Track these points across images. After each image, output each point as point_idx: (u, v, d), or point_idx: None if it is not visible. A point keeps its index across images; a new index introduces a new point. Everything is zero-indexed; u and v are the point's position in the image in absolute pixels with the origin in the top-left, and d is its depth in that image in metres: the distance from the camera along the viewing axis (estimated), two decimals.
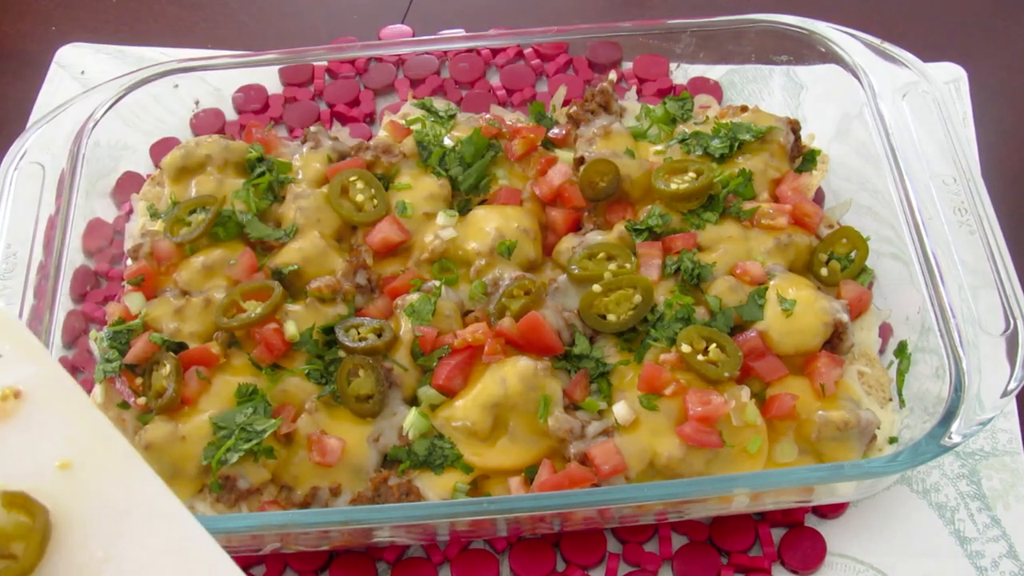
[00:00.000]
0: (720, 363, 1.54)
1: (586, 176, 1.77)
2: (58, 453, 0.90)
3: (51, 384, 0.94)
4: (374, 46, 2.09)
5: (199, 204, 1.76)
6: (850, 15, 1.95)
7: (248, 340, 1.61)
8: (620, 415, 1.52)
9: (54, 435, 0.92)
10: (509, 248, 1.70)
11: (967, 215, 1.59)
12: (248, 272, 1.69)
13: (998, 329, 1.48)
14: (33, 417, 0.92)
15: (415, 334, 1.61)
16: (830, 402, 1.55)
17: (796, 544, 1.58)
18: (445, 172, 1.82)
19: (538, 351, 1.58)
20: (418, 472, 1.54)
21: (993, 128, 2.07)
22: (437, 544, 1.59)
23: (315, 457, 1.51)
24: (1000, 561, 1.56)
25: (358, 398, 1.56)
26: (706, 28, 1.96)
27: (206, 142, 1.87)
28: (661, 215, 1.70)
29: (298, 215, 1.76)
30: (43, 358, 0.96)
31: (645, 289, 1.61)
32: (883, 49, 1.80)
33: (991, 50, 2.26)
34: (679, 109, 1.86)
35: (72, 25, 2.36)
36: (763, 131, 1.79)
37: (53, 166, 1.76)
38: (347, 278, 1.71)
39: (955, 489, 1.63)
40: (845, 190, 1.86)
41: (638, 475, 1.51)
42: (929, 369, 1.57)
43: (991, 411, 1.41)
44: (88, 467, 0.91)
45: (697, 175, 1.72)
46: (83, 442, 0.92)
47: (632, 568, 1.58)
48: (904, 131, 1.70)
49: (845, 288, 1.68)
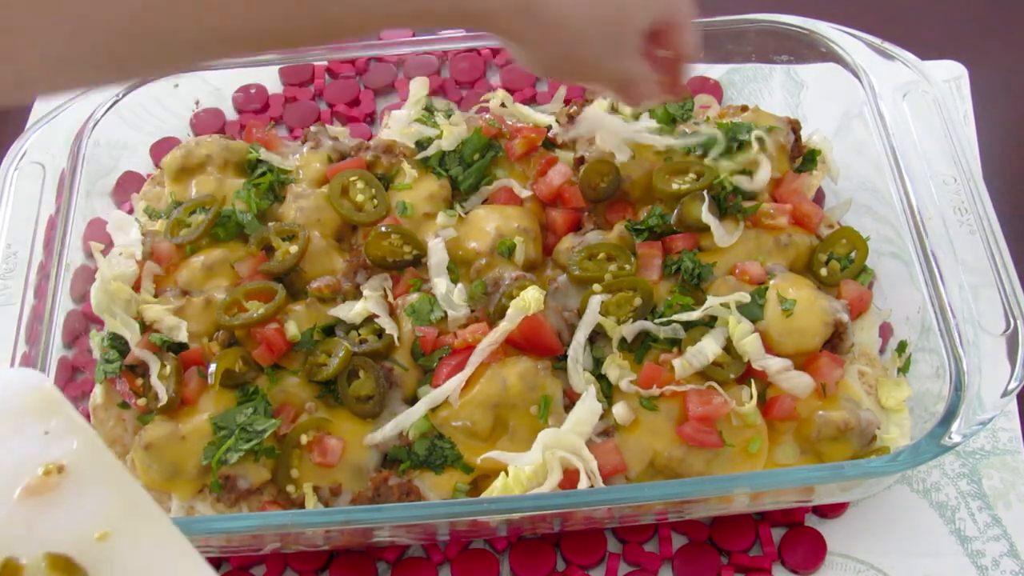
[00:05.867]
0: (725, 364, 1.54)
1: (586, 176, 1.77)
2: (97, 524, 0.94)
3: (92, 458, 0.99)
4: (374, 46, 2.09)
5: (199, 205, 1.76)
6: (850, 15, 1.95)
7: (249, 340, 1.61)
8: (620, 415, 1.52)
9: (94, 507, 0.96)
10: (509, 248, 1.70)
11: (967, 215, 1.59)
12: (253, 272, 1.69)
13: (998, 329, 1.48)
14: (74, 490, 0.96)
15: (415, 334, 1.61)
16: (830, 402, 1.55)
17: (796, 544, 1.58)
18: (445, 172, 1.82)
19: (538, 351, 1.58)
20: (418, 472, 1.54)
21: (994, 127, 2.07)
22: (437, 544, 1.59)
23: (315, 457, 1.51)
24: (1001, 560, 1.56)
25: (358, 399, 1.56)
26: (706, 28, 1.94)
27: (206, 142, 1.87)
28: (661, 215, 1.70)
29: (298, 215, 1.76)
30: (85, 433, 1.00)
31: (645, 291, 1.61)
32: (883, 49, 1.80)
33: (991, 48, 2.26)
34: (679, 109, 1.86)
35: None
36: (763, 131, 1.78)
37: (53, 166, 1.76)
38: (347, 278, 1.71)
39: (955, 488, 1.63)
40: (845, 190, 1.86)
41: (638, 475, 1.51)
42: (929, 369, 1.57)
43: (992, 411, 1.41)
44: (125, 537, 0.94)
45: (698, 175, 1.72)
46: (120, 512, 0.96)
47: (632, 568, 1.58)
48: (904, 131, 1.70)
49: (845, 288, 1.68)
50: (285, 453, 1.52)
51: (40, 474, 0.96)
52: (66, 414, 1.01)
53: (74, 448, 0.98)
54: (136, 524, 0.96)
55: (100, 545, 0.93)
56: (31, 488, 0.95)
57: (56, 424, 1.00)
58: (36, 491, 0.95)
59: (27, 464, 0.97)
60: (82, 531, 0.94)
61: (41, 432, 0.99)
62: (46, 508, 0.95)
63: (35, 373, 1.11)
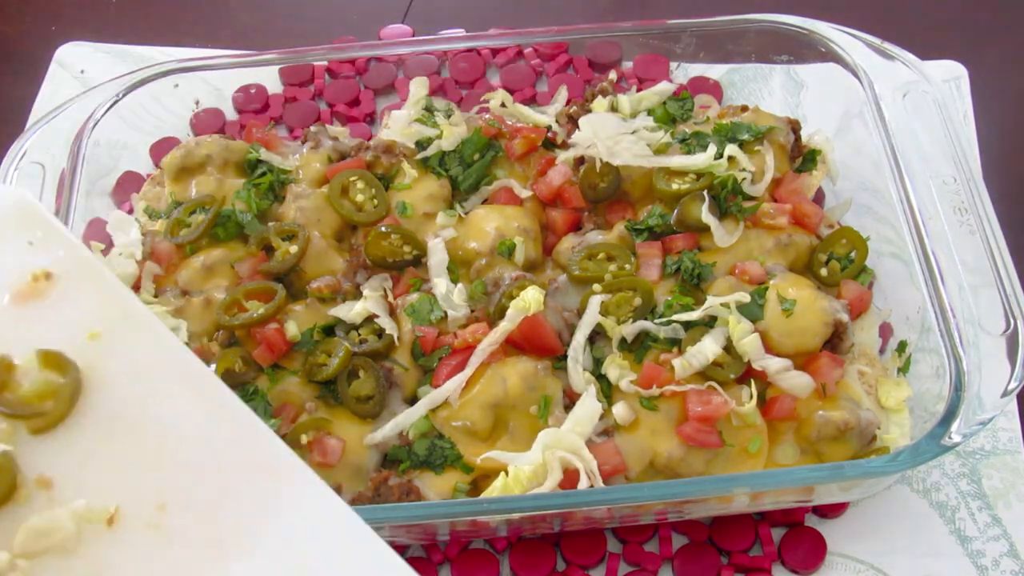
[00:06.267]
0: (725, 364, 1.54)
1: (586, 176, 1.77)
2: (88, 325, 0.97)
3: (79, 265, 1.01)
4: (374, 46, 2.09)
5: (199, 205, 1.76)
6: (850, 15, 1.96)
7: (248, 340, 1.61)
8: (620, 415, 1.52)
9: (84, 310, 0.99)
10: (509, 248, 1.70)
11: (967, 215, 1.59)
12: (253, 272, 1.69)
13: (998, 329, 1.48)
14: (63, 295, 0.99)
15: (415, 334, 1.61)
16: (830, 402, 1.55)
17: (796, 544, 1.58)
18: (445, 172, 1.82)
19: (538, 351, 1.58)
20: (418, 472, 1.54)
21: (994, 126, 2.07)
22: (437, 544, 1.59)
23: (315, 457, 1.51)
24: (1001, 560, 1.56)
25: (358, 399, 1.56)
26: (706, 28, 1.96)
27: (206, 142, 1.87)
28: (661, 215, 1.70)
29: (298, 215, 1.76)
30: (70, 243, 1.03)
31: (645, 291, 1.61)
32: (883, 49, 1.80)
33: (991, 48, 2.26)
34: (679, 109, 1.86)
35: (72, 24, 2.36)
36: (763, 131, 1.79)
37: (53, 166, 1.76)
38: (347, 278, 1.71)
39: (955, 488, 1.63)
40: (845, 190, 1.86)
41: (638, 475, 1.51)
42: (929, 369, 1.57)
43: (991, 411, 1.41)
44: (116, 335, 0.98)
45: (698, 176, 1.72)
46: (110, 315, 0.99)
47: (632, 568, 1.58)
48: (904, 131, 1.70)
49: (845, 288, 1.68)
50: None
51: (28, 280, 0.99)
52: (50, 225, 1.03)
53: (61, 256, 1.01)
54: (127, 324, 0.98)
55: (92, 344, 0.96)
56: (20, 293, 0.98)
57: (41, 235, 1.02)
58: (25, 296, 0.98)
59: (14, 272, 1.00)
60: (73, 331, 0.97)
61: (25, 243, 1.02)
62: (36, 312, 0.98)
63: (16, 188, 1.14)
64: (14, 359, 0.95)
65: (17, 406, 0.93)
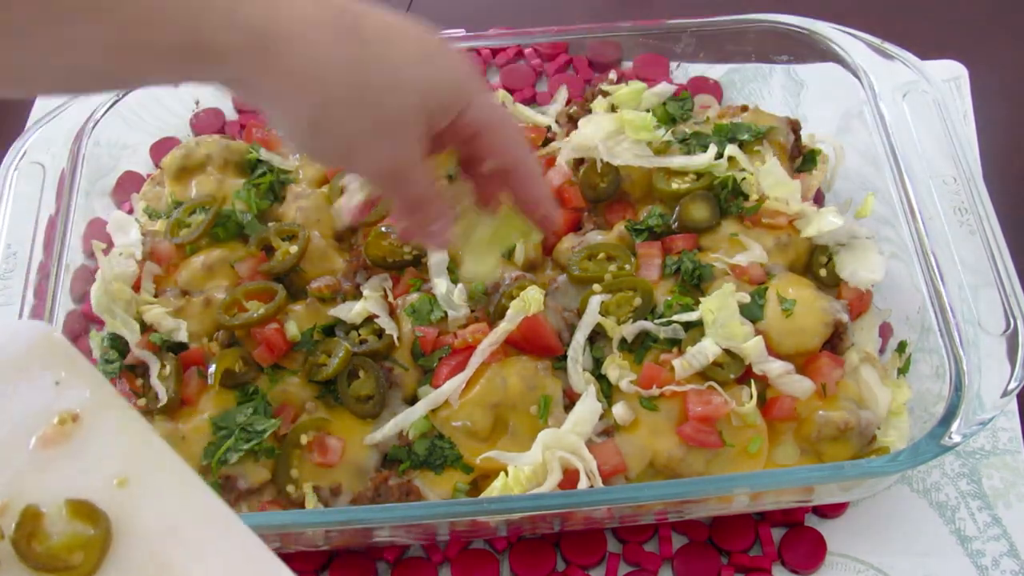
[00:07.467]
0: (725, 365, 1.54)
1: (586, 176, 1.77)
2: (115, 470, 0.94)
3: (105, 406, 0.98)
4: None
5: (199, 205, 1.76)
6: (850, 15, 1.95)
7: (248, 340, 1.61)
8: (619, 415, 1.52)
9: (110, 454, 0.95)
10: (509, 248, 1.70)
11: (967, 215, 1.59)
12: (253, 272, 1.69)
13: (998, 329, 1.48)
14: (89, 438, 0.96)
15: (415, 334, 1.61)
16: (830, 402, 1.55)
17: (796, 544, 1.58)
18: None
19: (538, 351, 1.58)
20: (418, 472, 1.54)
21: (994, 127, 2.07)
22: (437, 544, 1.59)
23: (315, 457, 1.51)
24: (1001, 560, 1.56)
25: (358, 399, 1.56)
26: (706, 28, 1.96)
27: (206, 142, 1.88)
28: (661, 215, 1.70)
29: (298, 215, 1.76)
30: (98, 382, 1.00)
31: (645, 291, 1.61)
32: (883, 49, 1.80)
33: (991, 48, 2.26)
34: (679, 109, 1.86)
35: None
36: (763, 131, 1.78)
37: (53, 166, 1.76)
38: (347, 278, 1.71)
39: (955, 488, 1.63)
40: (845, 190, 1.86)
41: (638, 475, 1.51)
42: (929, 369, 1.57)
43: (992, 411, 1.41)
44: (144, 482, 0.94)
45: (698, 175, 1.72)
46: (138, 460, 0.95)
47: (632, 568, 1.58)
48: (904, 131, 1.70)
49: (845, 288, 1.68)
50: (285, 453, 1.52)
51: (55, 423, 0.96)
52: (76, 363, 1.00)
53: (87, 397, 0.98)
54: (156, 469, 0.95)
55: (121, 491, 0.93)
56: (47, 438, 0.95)
57: (67, 374, 0.99)
58: (52, 441, 0.95)
59: (41, 414, 0.96)
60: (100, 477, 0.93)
61: (52, 382, 0.98)
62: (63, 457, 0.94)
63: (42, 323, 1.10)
64: (41, 507, 0.91)
65: (46, 560, 0.89)
